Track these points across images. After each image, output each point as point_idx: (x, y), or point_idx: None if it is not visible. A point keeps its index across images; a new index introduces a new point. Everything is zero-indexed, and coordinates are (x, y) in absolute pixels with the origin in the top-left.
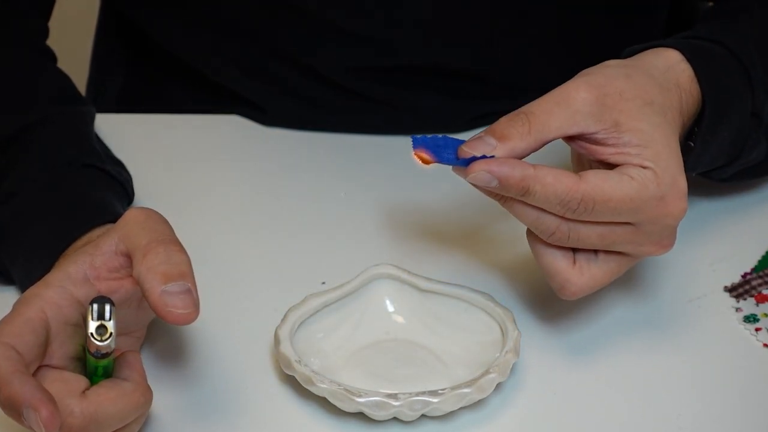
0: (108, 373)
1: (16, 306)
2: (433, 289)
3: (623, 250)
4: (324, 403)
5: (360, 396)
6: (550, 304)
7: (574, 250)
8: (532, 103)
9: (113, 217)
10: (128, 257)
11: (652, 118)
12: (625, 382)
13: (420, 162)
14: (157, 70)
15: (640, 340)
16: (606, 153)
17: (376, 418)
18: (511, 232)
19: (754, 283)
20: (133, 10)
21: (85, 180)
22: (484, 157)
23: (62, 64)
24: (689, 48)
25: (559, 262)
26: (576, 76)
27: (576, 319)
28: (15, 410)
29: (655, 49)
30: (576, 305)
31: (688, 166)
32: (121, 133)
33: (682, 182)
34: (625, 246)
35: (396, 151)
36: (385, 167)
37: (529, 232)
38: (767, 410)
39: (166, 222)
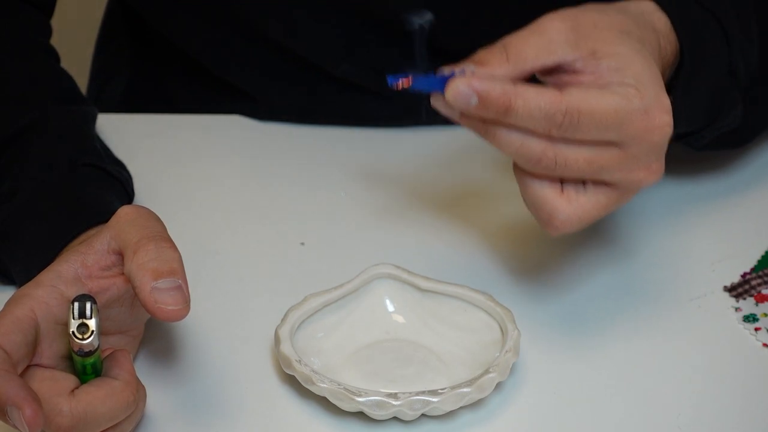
0: (97, 372)
1: (6, 305)
2: (433, 289)
3: (611, 178)
4: (324, 403)
5: (360, 395)
6: (550, 304)
7: (562, 181)
8: (509, 35)
9: (102, 220)
10: (120, 255)
11: (630, 43)
12: (625, 381)
13: (398, 88)
14: (160, 67)
15: (640, 340)
16: (585, 82)
17: (376, 418)
18: (512, 232)
19: (753, 282)
20: (140, 5)
21: (85, 179)
22: (457, 77)
23: (64, 64)
24: (664, 1)
25: (545, 190)
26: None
27: (576, 318)
28: (0, 408)
29: (630, 2)
30: (576, 305)
31: None
32: (123, 133)
33: (665, 98)
34: (614, 173)
35: (396, 149)
36: (385, 167)
37: (516, 166)
38: (767, 410)
39: (157, 219)
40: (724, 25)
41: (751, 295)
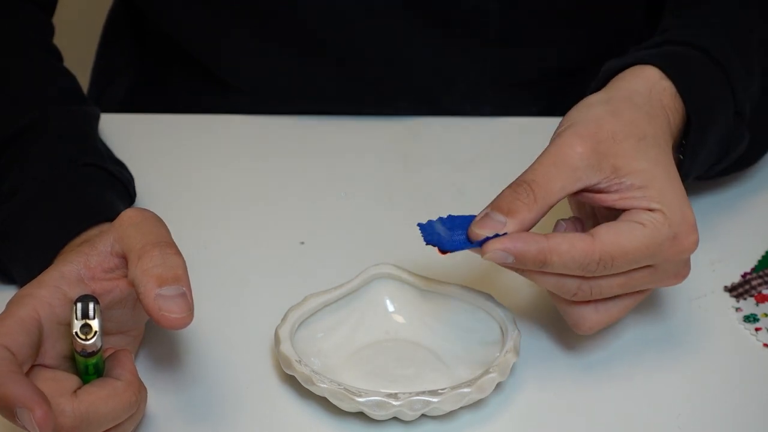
0: (99, 372)
1: (9, 305)
2: (433, 289)
3: (641, 289)
4: (324, 403)
5: (360, 396)
6: (550, 304)
7: None
8: (530, 169)
9: (113, 215)
10: (123, 258)
11: (648, 153)
12: (625, 381)
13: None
14: (162, 68)
15: (639, 340)
16: (610, 200)
17: (376, 418)
18: None
19: (754, 282)
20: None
21: (86, 178)
22: (497, 235)
23: (66, 64)
24: (666, 60)
25: (573, 304)
26: (564, 127)
27: None
28: (9, 410)
29: (634, 70)
30: None
31: (681, 175)
32: (123, 133)
33: (691, 215)
34: (644, 285)
35: (396, 149)
36: (385, 167)
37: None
38: (767, 410)
39: (162, 223)
40: (723, 65)
41: (752, 295)
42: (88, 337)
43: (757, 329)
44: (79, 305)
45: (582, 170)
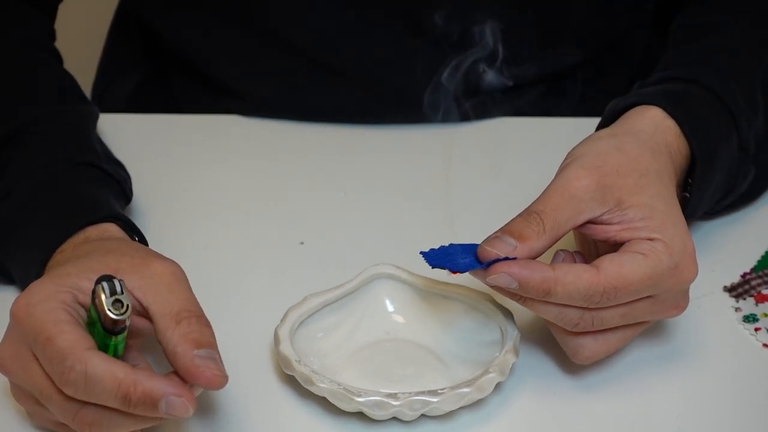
0: (118, 356)
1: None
2: (432, 289)
3: (642, 320)
4: (324, 403)
5: (360, 396)
6: None
7: None
8: (539, 200)
9: (108, 214)
10: (142, 306)
11: (650, 188)
12: (625, 381)
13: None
14: (166, 69)
15: (639, 340)
16: (612, 231)
17: (375, 418)
18: None
19: (753, 283)
20: (144, 8)
21: (81, 177)
22: (506, 259)
23: (68, 63)
24: (670, 100)
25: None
26: (570, 160)
27: None
28: (152, 405)
29: (640, 109)
30: None
31: (687, 214)
32: (123, 133)
33: (691, 246)
34: (645, 317)
35: (396, 149)
36: (385, 167)
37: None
38: (767, 410)
39: (188, 285)
40: (727, 102)
41: (751, 295)
42: (121, 311)
43: (756, 329)
44: (105, 284)
45: (586, 202)
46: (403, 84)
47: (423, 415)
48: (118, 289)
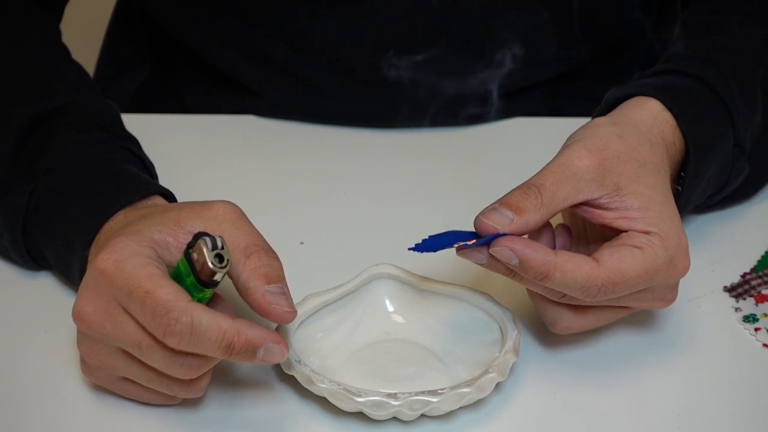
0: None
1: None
2: (433, 289)
3: (627, 305)
4: (324, 403)
5: (360, 396)
6: None
7: None
8: (539, 174)
9: (156, 190)
10: None
11: (648, 179)
12: (625, 381)
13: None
14: (171, 67)
15: (639, 340)
16: (609, 217)
17: (375, 418)
18: None
19: (753, 283)
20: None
21: (124, 159)
22: (502, 237)
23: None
24: (669, 94)
25: (552, 303)
26: (573, 141)
27: None
28: (252, 352)
29: (638, 100)
30: None
31: (678, 207)
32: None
33: (685, 241)
34: (632, 303)
35: (396, 149)
36: (385, 167)
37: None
38: (767, 410)
39: (250, 221)
40: (725, 99)
41: (751, 295)
42: (222, 265)
43: (756, 329)
44: (207, 238)
45: (586, 182)
46: (418, 90)
47: (423, 415)
48: (219, 243)
